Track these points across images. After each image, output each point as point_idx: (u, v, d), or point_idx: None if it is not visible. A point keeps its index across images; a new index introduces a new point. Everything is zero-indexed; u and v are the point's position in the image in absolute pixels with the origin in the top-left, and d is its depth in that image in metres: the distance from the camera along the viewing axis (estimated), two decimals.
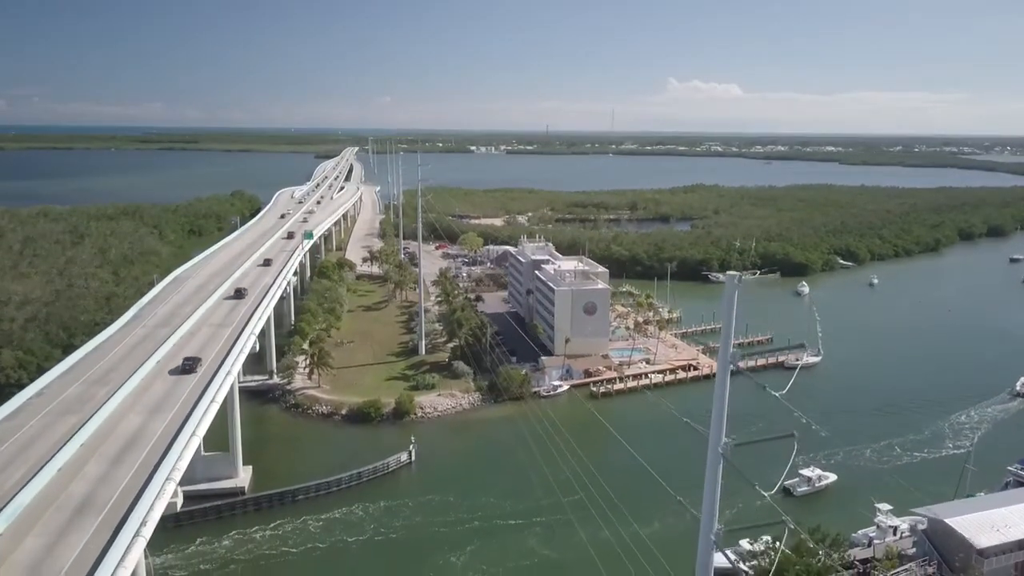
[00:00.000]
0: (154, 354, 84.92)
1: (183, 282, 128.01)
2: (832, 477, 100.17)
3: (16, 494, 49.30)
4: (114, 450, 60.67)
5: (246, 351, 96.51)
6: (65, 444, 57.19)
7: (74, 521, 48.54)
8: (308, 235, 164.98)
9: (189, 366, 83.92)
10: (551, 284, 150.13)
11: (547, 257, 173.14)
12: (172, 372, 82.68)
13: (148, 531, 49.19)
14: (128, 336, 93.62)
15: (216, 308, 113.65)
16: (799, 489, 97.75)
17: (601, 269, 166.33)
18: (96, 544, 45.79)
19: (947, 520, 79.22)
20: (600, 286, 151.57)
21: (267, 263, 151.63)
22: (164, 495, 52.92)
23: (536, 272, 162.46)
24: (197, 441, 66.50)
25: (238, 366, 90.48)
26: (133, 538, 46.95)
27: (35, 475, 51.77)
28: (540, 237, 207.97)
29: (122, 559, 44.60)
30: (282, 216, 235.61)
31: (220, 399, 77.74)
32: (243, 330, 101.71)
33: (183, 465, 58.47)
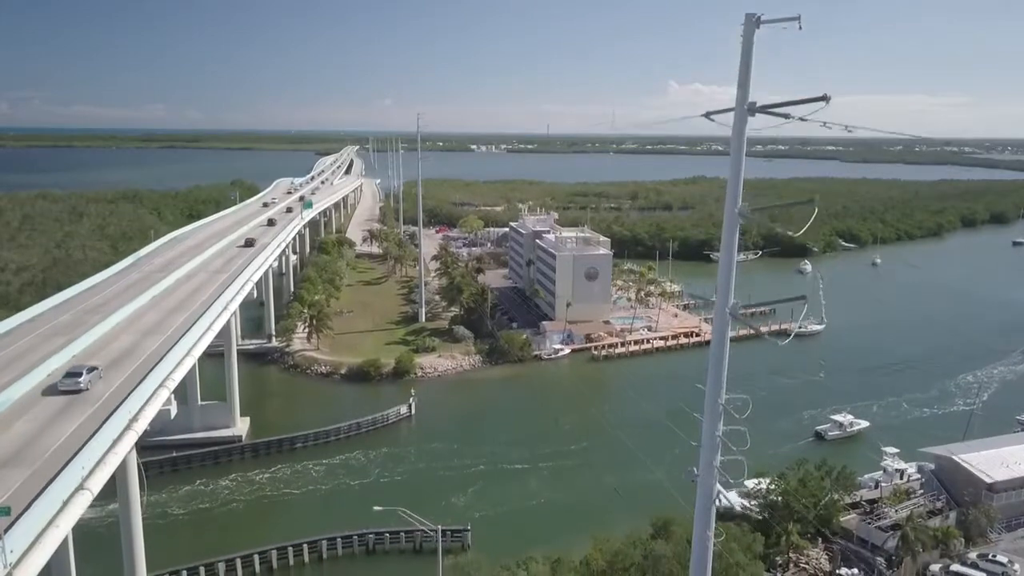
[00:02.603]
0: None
1: (180, 242, 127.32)
2: (864, 424, 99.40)
3: (7, 387, 48.19)
4: (112, 357, 59.55)
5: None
6: (68, 344, 56.40)
7: (65, 412, 47.29)
8: (308, 204, 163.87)
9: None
10: (552, 250, 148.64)
11: (548, 229, 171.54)
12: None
13: (140, 426, 47.95)
14: (123, 279, 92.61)
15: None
16: (830, 433, 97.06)
17: (603, 238, 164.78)
18: (86, 431, 44.48)
19: (956, 457, 77.95)
20: (602, 251, 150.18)
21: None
22: (158, 398, 51.66)
23: (537, 241, 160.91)
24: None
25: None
26: (124, 430, 45.74)
27: (30, 372, 50.68)
28: (542, 210, 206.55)
29: (113, 445, 43.38)
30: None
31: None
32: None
33: (179, 376, 57.17)
